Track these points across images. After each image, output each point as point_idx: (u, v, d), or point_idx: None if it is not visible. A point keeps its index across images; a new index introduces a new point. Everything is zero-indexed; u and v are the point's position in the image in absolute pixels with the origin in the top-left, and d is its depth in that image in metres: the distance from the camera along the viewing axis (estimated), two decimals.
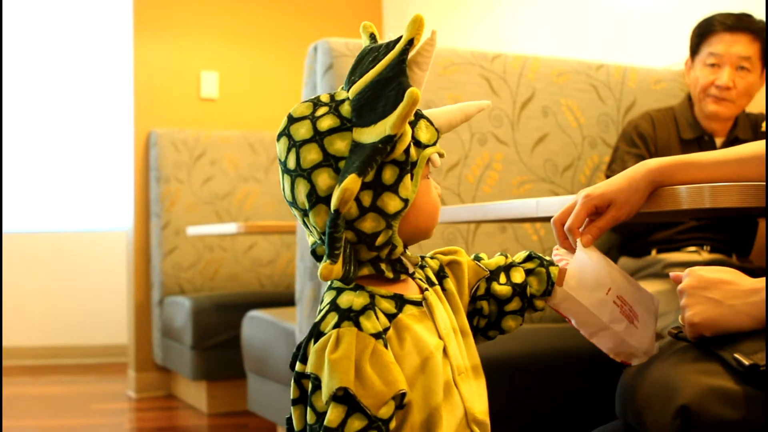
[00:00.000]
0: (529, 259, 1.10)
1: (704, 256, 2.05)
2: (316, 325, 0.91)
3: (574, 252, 1.13)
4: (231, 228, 2.99)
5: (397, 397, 0.87)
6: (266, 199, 3.97)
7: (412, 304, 0.94)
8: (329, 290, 0.94)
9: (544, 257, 1.11)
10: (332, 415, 0.85)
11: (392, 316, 0.92)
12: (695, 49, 2.08)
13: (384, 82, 0.90)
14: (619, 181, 1.14)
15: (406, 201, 0.91)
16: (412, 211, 0.93)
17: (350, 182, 0.84)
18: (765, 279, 1.06)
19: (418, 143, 0.92)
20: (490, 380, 1.02)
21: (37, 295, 4.89)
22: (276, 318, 2.50)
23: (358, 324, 0.88)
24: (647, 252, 2.09)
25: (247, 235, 3.87)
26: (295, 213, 0.95)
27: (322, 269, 0.87)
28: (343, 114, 0.91)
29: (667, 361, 1.11)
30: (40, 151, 5.00)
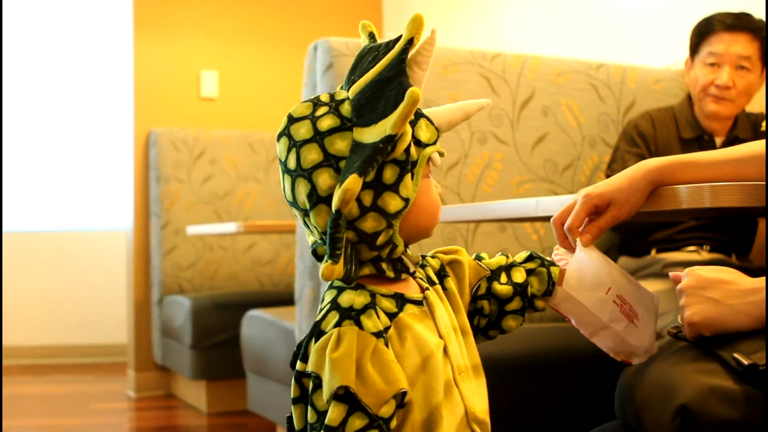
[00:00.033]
0: (530, 259, 1.10)
1: (704, 255, 2.05)
2: (317, 324, 0.91)
3: (573, 251, 1.13)
4: (231, 227, 2.99)
5: (397, 396, 0.87)
6: (266, 198, 3.97)
7: (413, 304, 0.94)
8: (330, 289, 0.94)
9: (545, 257, 1.11)
10: (333, 413, 0.85)
11: (393, 315, 0.92)
12: (695, 49, 2.08)
13: (384, 81, 0.90)
14: (619, 180, 1.13)
15: (406, 200, 0.91)
16: (412, 210, 0.93)
17: (351, 182, 0.84)
18: (764, 278, 1.06)
19: (418, 142, 0.92)
20: (491, 379, 1.02)
21: (37, 294, 4.89)
22: (275, 317, 2.50)
23: (359, 323, 0.88)
24: (647, 251, 2.09)
25: (247, 235, 3.87)
26: (296, 213, 0.94)
27: (324, 269, 0.87)
28: (343, 114, 0.91)
29: (666, 360, 1.11)
30: (40, 150, 5.00)
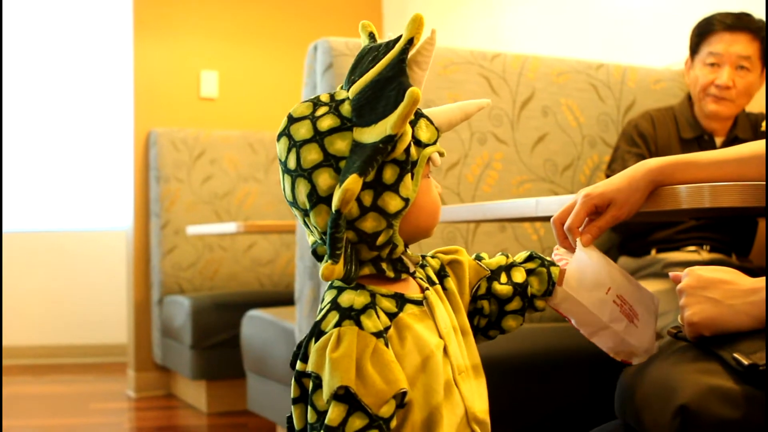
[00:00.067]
0: (530, 259, 1.10)
1: (704, 255, 2.05)
2: (317, 324, 0.91)
3: (573, 251, 1.13)
4: (230, 227, 2.99)
5: (398, 395, 0.87)
6: (266, 198, 3.97)
7: (413, 304, 0.94)
8: (330, 289, 0.94)
9: (545, 257, 1.11)
10: (333, 413, 0.85)
11: (393, 315, 0.92)
12: (695, 49, 2.08)
13: (384, 81, 0.90)
14: (619, 180, 1.13)
15: (406, 200, 0.91)
16: (412, 210, 0.93)
17: (351, 182, 0.84)
18: (764, 278, 1.06)
19: (418, 142, 0.92)
20: (491, 379, 1.02)
21: (37, 294, 4.89)
22: (275, 317, 2.50)
23: (359, 323, 0.88)
24: (647, 251, 2.09)
25: (247, 235, 3.87)
26: (296, 213, 0.94)
27: (324, 270, 0.87)
28: (343, 114, 0.90)
29: (666, 360, 1.11)
30: (40, 150, 5.00)
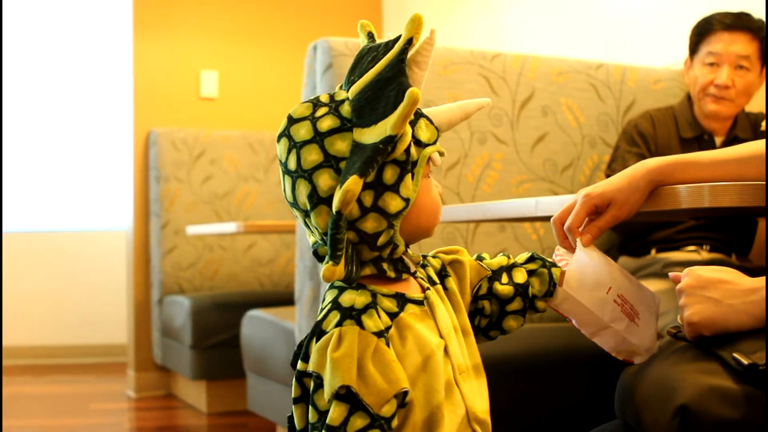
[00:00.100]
0: (531, 260, 1.10)
1: (704, 255, 2.05)
2: (318, 324, 0.91)
3: (573, 251, 1.13)
4: (230, 227, 2.99)
5: (399, 395, 0.87)
6: (266, 198, 3.97)
7: (414, 303, 0.94)
8: (331, 289, 0.94)
9: (547, 259, 1.11)
10: (334, 413, 0.85)
11: (394, 315, 0.92)
12: (694, 49, 2.08)
13: (384, 82, 0.90)
14: (619, 180, 1.13)
15: (407, 200, 0.91)
16: (413, 210, 0.93)
17: (352, 184, 0.84)
18: (764, 278, 1.06)
19: (418, 142, 0.92)
20: (491, 379, 1.02)
21: (37, 294, 4.89)
22: (275, 317, 2.50)
23: (360, 322, 0.88)
24: (647, 251, 2.09)
25: (247, 235, 3.87)
26: (297, 214, 0.94)
27: (325, 271, 0.87)
28: (343, 114, 0.91)
29: (666, 360, 1.11)
30: (40, 150, 5.00)
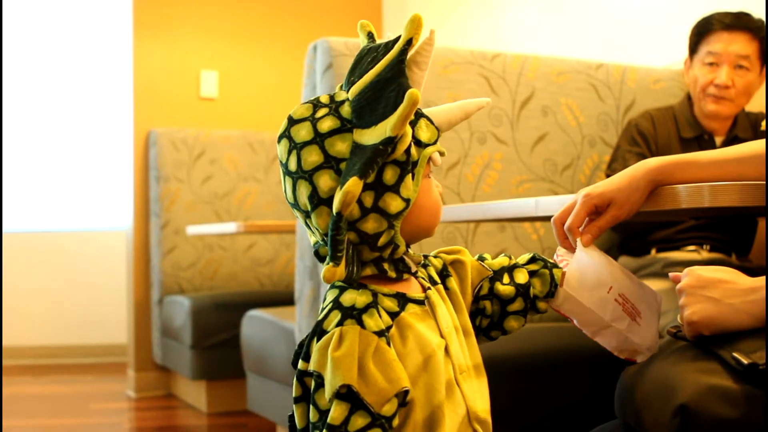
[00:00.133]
0: (532, 260, 1.10)
1: (704, 255, 2.05)
2: (318, 324, 0.91)
3: (574, 251, 1.13)
4: (230, 227, 2.99)
5: (400, 394, 0.87)
6: (266, 198, 3.97)
7: (415, 303, 0.94)
8: (332, 288, 0.94)
9: (548, 259, 1.11)
10: (335, 412, 0.85)
11: (395, 315, 0.92)
12: (694, 48, 2.08)
13: (384, 83, 0.90)
14: (619, 180, 1.14)
15: (407, 201, 0.91)
16: (413, 210, 0.93)
17: (351, 185, 0.84)
18: (764, 277, 1.06)
19: (418, 142, 0.92)
20: (492, 379, 1.02)
21: (37, 294, 4.89)
22: (275, 317, 2.50)
23: (360, 322, 0.89)
24: (647, 251, 2.09)
25: (247, 235, 3.87)
26: (297, 214, 0.95)
27: (325, 272, 0.87)
28: (343, 115, 0.91)
29: (666, 360, 1.11)
30: (40, 150, 5.00)
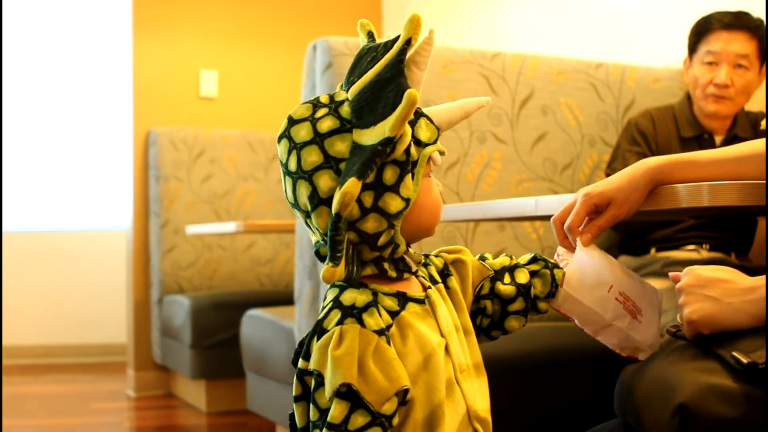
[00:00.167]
0: (534, 260, 1.10)
1: (703, 254, 2.05)
2: (319, 323, 0.91)
3: (573, 251, 1.13)
4: (230, 227, 2.99)
5: (400, 393, 0.87)
6: (265, 198, 3.97)
7: (415, 302, 0.94)
8: (332, 287, 0.94)
9: (549, 260, 1.11)
10: (335, 411, 0.85)
11: (395, 314, 0.92)
12: (693, 48, 2.08)
13: (383, 83, 0.90)
14: (619, 179, 1.14)
15: (407, 200, 0.91)
16: (414, 209, 0.93)
17: (350, 186, 0.84)
18: (764, 277, 1.06)
19: (418, 142, 0.92)
20: (492, 378, 1.02)
21: (37, 294, 4.89)
22: (275, 317, 2.50)
23: (361, 321, 0.89)
24: (647, 250, 2.10)
25: (246, 234, 3.87)
26: (298, 214, 0.95)
27: (325, 272, 0.87)
28: (342, 115, 0.91)
29: (665, 359, 1.11)
30: (39, 150, 5.00)
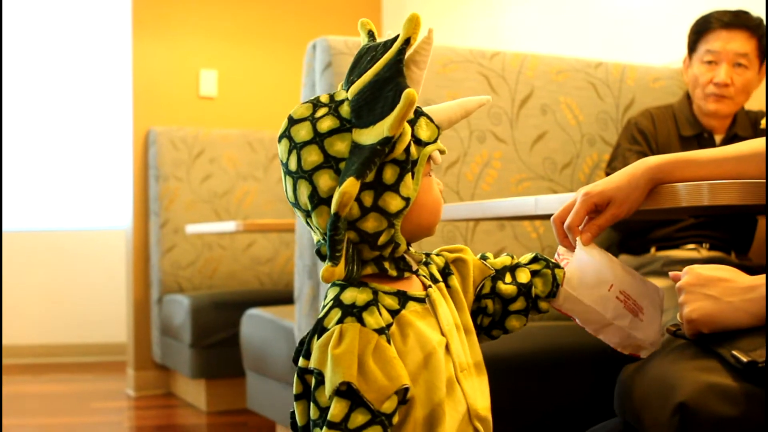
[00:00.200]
0: (535, 260, 1.10)
1: (703, 253, 2.05)
2: (319, 321, 0.91)
3: (573, 250, 1.13)
4: (230, 226, 2.99)
5: (400, 392, 0.87)
6: (265, 197, 3.97)
7: (415, 301, 0.94)
8: (333, 286, 0.94)
9: (550, 260, 1.11)
10: (335, 409, 0.85)
11: (395, 312, 0.92)
12: (693, 47, 2.08)
13: (382, 82, 0.90)
14: (619, 178, 1.14)
15: (407, 200, 0.91)
16: (414, 208, 0.93)
17: (349, 185, 0.85)
18: (764, 276, 1.06)
19: (418, 141, 0.92)
20: (492, 377, 1.02)
21: (37, 293, 4.89)
22: (275, 316, 2.50)
23: (361, 320, 0.89)
24: (647, 250, 2.10)
25: (246, 234, 3.87)
26: (298, 213, 0.95)
27: (324, 272, 0.87)
28: (342, 115, 0.91)
29: (665, 358, 1.11)
30: (39, 149, 5.00)
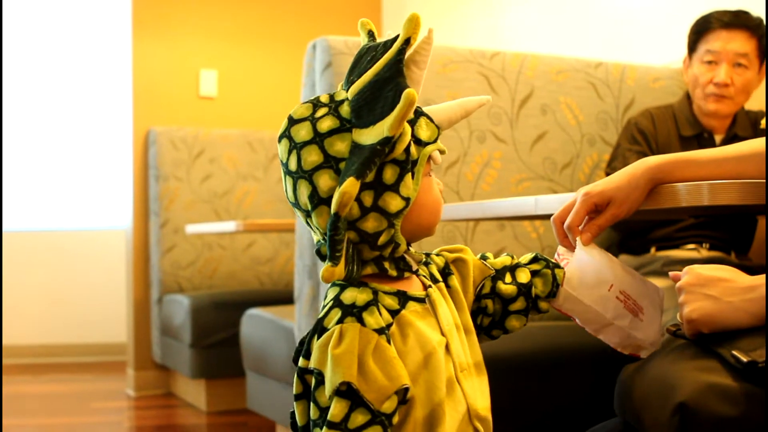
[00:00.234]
0: (535, 260, 1.10)
1: (703, 253, 2.05)
2: (319, 321, 0.91)
3: (573, 250, 1.13)
4: (230, 226, 2.99)
5: (400, 391, 0.87)
6: (265, 197, 3.97)
7: (415, 301, 0.94)
8: (333, 286, 0.94)
9: (550, 260, 1.11)
10: (335, 409, 0.85)
11: (395, 312, 0.92)
12: (693, 47, 2.08)
13: (382, 82, 0.90)
14: (619, 178, 1.14)
15: (407, 200, 0.91)
16: (414, 208, 0.93)
17: (348, 186, 0.85)
18: (764, 276, 1.06)
19: (418, 141, 0.92)
20: (492, 377, 1.02)
21: (37, 293, 4.89)
22: (275, 316, 2.50)
23: (361, 320, 0.89)
24: (646, 250, 2.10)
25: (246, 234, 3.87)
26: (298, 213, 0.95)
27: (324, 272, 0.87)
28: (342, 115, 0.91)
29: (665, 358, 1.11)
30: (39, 149, 4.99)
